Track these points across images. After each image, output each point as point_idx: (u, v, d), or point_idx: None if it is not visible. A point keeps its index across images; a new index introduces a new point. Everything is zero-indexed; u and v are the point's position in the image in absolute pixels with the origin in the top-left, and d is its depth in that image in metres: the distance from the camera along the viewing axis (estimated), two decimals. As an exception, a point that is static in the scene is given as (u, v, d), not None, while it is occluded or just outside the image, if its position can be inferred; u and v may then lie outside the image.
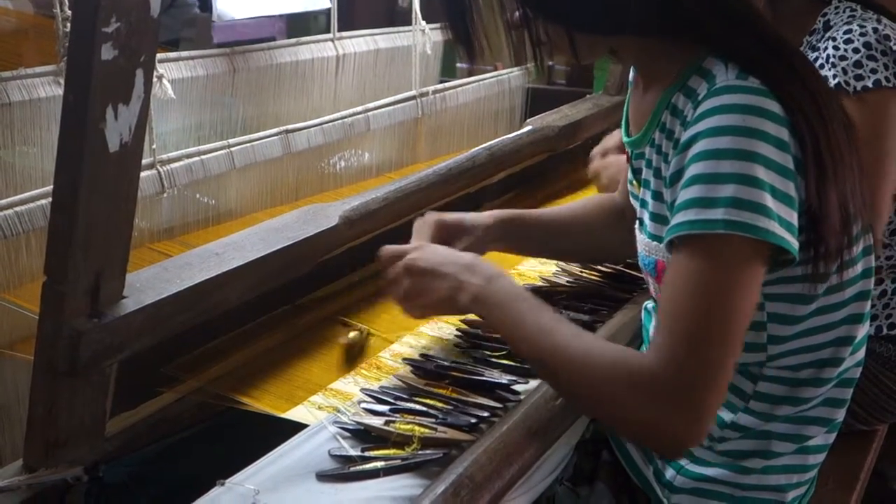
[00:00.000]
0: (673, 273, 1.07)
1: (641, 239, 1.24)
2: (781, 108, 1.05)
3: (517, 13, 1.14)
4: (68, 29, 1.34)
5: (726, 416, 1.20)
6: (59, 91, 1.42)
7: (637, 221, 1.27)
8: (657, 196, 1.18)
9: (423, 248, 1.30)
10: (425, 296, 1.26)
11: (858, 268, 1.18)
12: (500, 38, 1.18)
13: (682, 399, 1.02)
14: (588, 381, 1.09)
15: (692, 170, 1.05)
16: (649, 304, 1.37)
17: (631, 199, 1.32)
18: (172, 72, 1.62)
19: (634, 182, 1.28)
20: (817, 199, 1.07)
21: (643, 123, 1.21)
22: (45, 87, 1.45)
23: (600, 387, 1.07)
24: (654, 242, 1.19)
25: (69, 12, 1.35)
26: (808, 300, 1.15)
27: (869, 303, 1.22)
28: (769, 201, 1.02)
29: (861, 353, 1.24)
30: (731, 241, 1.02)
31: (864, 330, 1.22)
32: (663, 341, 1.04)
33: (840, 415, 1.24)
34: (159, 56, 1.55)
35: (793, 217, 1.04)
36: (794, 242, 1.04)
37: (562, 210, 1.59)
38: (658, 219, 1.18)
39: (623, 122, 1.32)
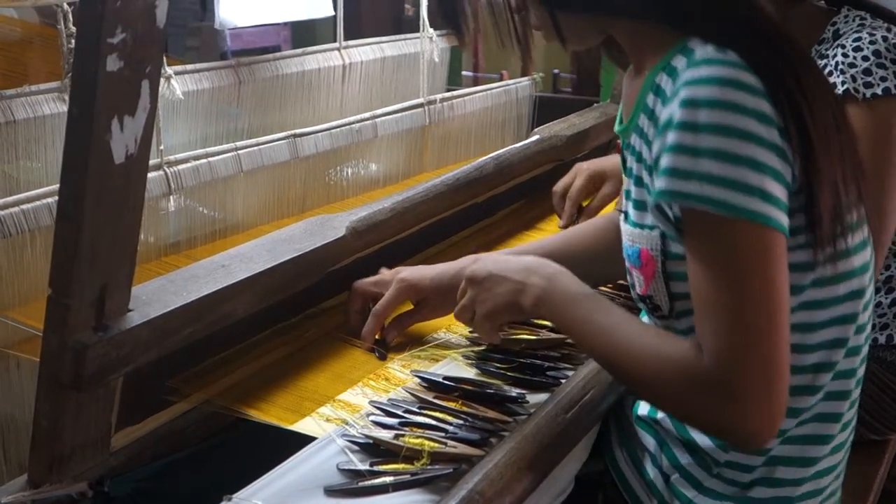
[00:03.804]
0: (689, 259, 1.07)
1: (625, 229, 1.21)
2: (759, 80, 1.03)
3: None
4: (73, 45, 1.33)
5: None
6: (64, 108, 1.41)
7: (623, 215, 1.25)
8: (639, 182, 1.16)
9: (478, 260, 1.33)
10: (489, 302, 1.27)
11: (855, 262, 1.15)
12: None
13: (737, 391, 1.01)
14: (649, 384, 1.11)
15: (670, 138, 1.04)
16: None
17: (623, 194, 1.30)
18: (178, 84, 1.61)
19: (623, 175, 1.27)
20: (806, 172, 1.05)
21: (631, 110, 1.19)
22: (49, 104, 1.44)
23: (663, 389, 1.10)
24: (637, 230, 1.17)
25: (73, 28, 1.34)
26: (796, 291, 1.10)
27: (868, 314, 1.19)
28: (751, 177, 1.01)
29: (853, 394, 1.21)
30: (725, 221, 1.01)
31: (859, 349, 1.19)
32: (701, 331, 1.05)
33: (821, 451, 1.21)
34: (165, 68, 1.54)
35: (779, 191, 1.03)
36: (779, 217, 1.03)
37: (555, 241, 1.55)
38: (640, 206, 1.16)
39: (618, 112, 1.31)
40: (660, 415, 1.27)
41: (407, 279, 1.43)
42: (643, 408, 1.31)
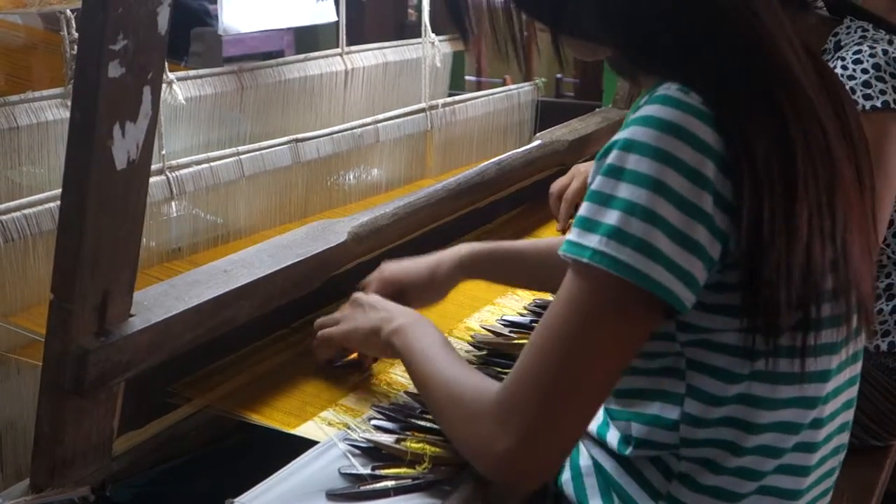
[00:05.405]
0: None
1: None
2: (719, 138, 0.88)
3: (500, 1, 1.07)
4: (76, 52, 1.34)
5: None
6: (67, 114, 1.42)
7: None
8: None
9: (374, 293, 1.36)
10: (356, 320, 1.29)
11: (833, 361, 1.01)
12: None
13: (506, 421, 0.93)
14: (441, 408, 1.07)
15: (593, 184, 0.92)
16: None
17: None
18: (180, 90, 1.62)
19: None
20: (750, 257, 0.90)
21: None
22: (52, 111, 1.44)
23: (449, 413, 1.05)
24: None
25: (76, 35, 1.35)
26: (736, 378, 0.97)
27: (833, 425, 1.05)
28: (661, 241, 0.88)
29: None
30: (600, 278, 0.89)
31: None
32: (512, 370, 0.96)
33: None
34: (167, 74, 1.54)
35: (693, 265, 0.89)
36: (683, 295, 0.89)
37: (545, 243, 1.52)
38: None
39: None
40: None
41: (384, 272, 1.44)
42: None
